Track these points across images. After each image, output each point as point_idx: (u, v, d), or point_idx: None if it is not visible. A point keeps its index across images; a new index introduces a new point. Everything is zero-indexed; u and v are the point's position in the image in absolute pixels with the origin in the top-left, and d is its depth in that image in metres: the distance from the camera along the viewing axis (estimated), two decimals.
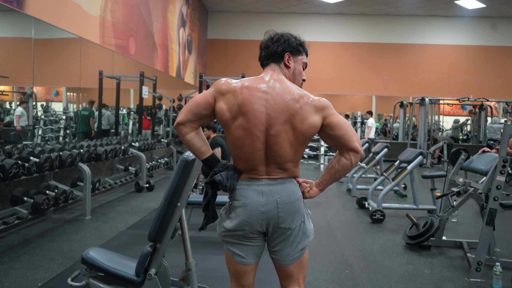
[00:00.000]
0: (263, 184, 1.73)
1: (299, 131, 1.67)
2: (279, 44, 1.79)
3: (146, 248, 2.15)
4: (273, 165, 1.72)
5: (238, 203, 1.73)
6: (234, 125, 1.69)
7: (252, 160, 1.71)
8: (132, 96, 11.97)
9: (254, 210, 1.71)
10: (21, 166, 3.97)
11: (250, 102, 1.67)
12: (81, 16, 5.85)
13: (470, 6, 12.78)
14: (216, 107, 1.71)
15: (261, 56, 1.84)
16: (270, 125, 1.66)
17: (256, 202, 1.71)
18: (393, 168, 6.04)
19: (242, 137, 1.68)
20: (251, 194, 1.72)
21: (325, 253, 4.01)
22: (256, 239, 1.78)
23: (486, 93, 12.77)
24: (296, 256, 1.78)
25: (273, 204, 1.71)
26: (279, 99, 1.68)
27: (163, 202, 2.09)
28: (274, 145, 1.68)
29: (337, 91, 14.76)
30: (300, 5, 13.27)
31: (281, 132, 1.66)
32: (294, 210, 1.74)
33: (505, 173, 3.31)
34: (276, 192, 1.72)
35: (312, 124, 1.68)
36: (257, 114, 1.66)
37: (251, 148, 1.69)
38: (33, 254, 3.70)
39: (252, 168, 1.73)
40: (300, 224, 1.76)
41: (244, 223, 1.72)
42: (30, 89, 7.69)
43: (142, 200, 6.18)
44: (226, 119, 1.69)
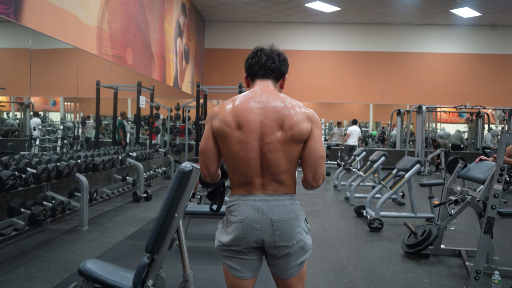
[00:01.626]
0: (259, 200, 1.71)
1: (290, 136, 1.67)
2: (284, 63, 1.82)
3: (143, 259, 2.14)
4: (268, 177, 1.71)
5: (234, 218, 1.73)
6: (232, 139, 1.68)
7: (247, 171, 1.70)
8: (129, 105, 11.97)
9: (249, 226, 1.70)
10: (18, 177, 3.96)
11: (244, 113, 1.68)
12: (78, 27, 5.87)
13: (466, 15, 12.88)
14: (213, 129, 1.72)
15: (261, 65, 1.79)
16: (264, 133, 1.67)
17: (252, 218, 1.70)
18: (391, 176, 6.05)
19: (238, 149, 1.68)
20: (248, 210, 1.71)
21: (323, 263, 3.99)
22: (252, 253, 1.76)
23: (483, 101, 12.83)
24: (295, 271, 1.78)
25: (268, 222, 1.70)
26: (271, 107, 1.69)
27: (160, 213, 2.08)
28: (269, 154, 1.67)
29: (334, 99, 14.81)
30: (296, 14, 13.35)
31: (274, 140, 1.67)
32: (290, 228, 1.71)
33: (502, 181, 3.31)
34: (271, 210, 1.70)
35: (302, 130, 1.68)
36: (251, 123, 1.67)
37: (246, 159, 1.68)
38: (30, 265, 3.68)
39: (248, 181, 1.72)
40: (298, 241, 1.74)
41: (239, 238, 1.71)
42: (27, 100, 7.69)
43: (140, 210, 6.16)
44: (226, 133, 1.69)
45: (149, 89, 9.03)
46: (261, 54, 1.79)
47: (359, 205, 6.16)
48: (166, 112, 10.92)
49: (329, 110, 17.63)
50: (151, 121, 9.52)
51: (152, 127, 9.66)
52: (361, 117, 17.17)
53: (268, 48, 1.81)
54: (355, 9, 12.78)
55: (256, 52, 1.81)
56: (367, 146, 15.49)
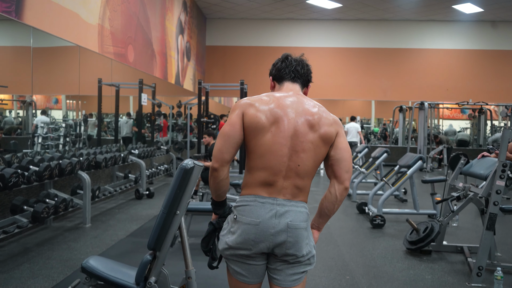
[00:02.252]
0: (277, 204, 1.68)
1: (319, 137, 1.70)
2: (310, 73, 1.90)
3: (145, 256, 2.15)
4: (291, 180, 1.69)
5: (247, 219, 1.67)
6: (267, 130, 1.67)
7: (273, 169, 1.67)
8: (131, 103, 11.99)
9: (264, 231, 1.65)
10: (21, 175, 3.97)
11: (282, 108, 1.70)
12: (80, 25, 5.87)
13: (468, 11, 12.82)
14: (247, 117, 1.68)
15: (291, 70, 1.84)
16: (298, 131, 1.68)
17: (268, 223, 1.66)
18: (393, 173, 6.04)
19: (270, 143, 1.67)
20: (264, 213, 1.66)
21: (325, 259, 4.00)
22: (260, 259, 1.72)
23: (485, 97, 12.79)
24: (297, 279, 1.73)
25: (284, 227, 1.66)
26: (304, 108, 1.73)
27: (162, 210, 2.09)
28: (301, 152, 1.68)
29: (336, 96, 14.78)
30: (298, 11, 13.32)
31: (307, 140, 1.69)
32: (302, 237, 1.69)
33: (504, 177, 3.31)
34: (288, 215, 1.67)
35: (329, 133, 1.72)
36: (288, 120, 1.69)
37: (278, 154, 1.66)
38: (33, 263, 3.69)
39: (271, 181, 1.68)
40: (307, 252, 1.72)
41: (251, 242, 1.66)
42: (29, 98, 7.71)
43: (142, 207, 6.17)
44: (262, 123, 1.67)
45: (151, 87, 9.04)
46: (292, 60, 1.86)
47: (361, 202, 6.17)
48: (168, 109, 10.92)
49: (331, 107, 17.29)
50: (153, 119, 9.53)
51: (154, 125, 9.67)
52: (363, 114, 17.15)
53: (298, 56, 1.91)
54: (356, 6, 12.74)
55: (287, 57, 1.87)
56: (369, 142, 15.47)
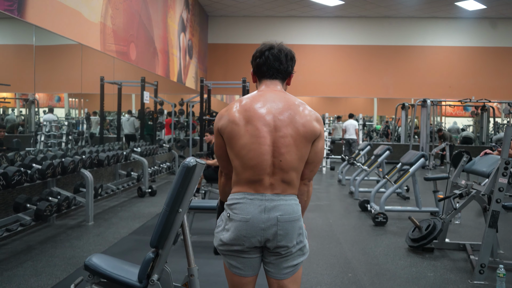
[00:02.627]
0: (266, 199, 1.70)
1: (302, 133, 1.69)
2: (291, 63, 1.83)
3: (148, 254, 2.15)
4: (278, 175, 1.70)
5: (238, 216, 1.70)
6: (241, 133, 1.68)
7: (258, 168, 1.68)
8: (133, 101, 12.00)
9: (255, 226, 1.68)
10: (24, 173, 3.99)
11: (254, 109, 1.70)
12: (82, 23, 5.88)
13: (470, 8, 12.78)
14: (220, 127, 1.74)
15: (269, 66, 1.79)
16: (277, 126, 1.68)
17: (258, 218, 1.68)
18: (395, 170, 6.04)
19: (249, 142, 1.67)
20: (254, 209, 1.69)
21: (328, 257, 4.00)
22: (254, 252, 1.75)
23: (488, 94, 12.76)
24: (290, 271, 1.75)
25: (273, 221, 1.68)
26: (281, 105, 1.72)
27: (164, 208, 2.09)
28: (282, 148, 1.67)
29: (338, 94, 14.76)
30: (300, 8, 13.30)
31: (287, 135, 1.68)
32: (293, 229, 1.71)
33: (507, 175, 3.30)
34: (278, 209, 1.70)
35: (313, 129, 1.71)
36: (263, 117, 1.69)
37: (258, 152, 1.67)
38: (37, 260, 3.71)
39: (257, 179, 1.70)
40: (298, 242, 1.73)
41: (243, 238, 1.69)
42: (32, 96, 7.72)
43: (145, 205, 6.18)
44: (236, 127, 1.69)
45: (153, 85, 9.05)
46: (269, 55, 1.78)
47: (364, 199, 6.16)
48: (170, 107, 10.93)
49: (333, 105, 17.60)
50: (155, 117, 9.54)
51: (156, 122, 9.67)
52: (365, 112, 17.11)
53: (276, 48, 1.79)
54: (358, 3, 12.71)
55: (264, 52, 1.79)
56: (371, 140, 15.45)
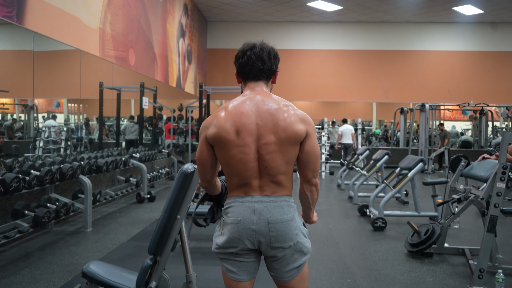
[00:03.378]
0: (256, 201, 1.71)
1: (284, 138, 1.67)
2: (275, 61, 1.80)
3: (146, 261, 2.15)
4: (266, 178, 1.71)
5: (229, 219, 1.73)
6: (230, 143, 1.68)
7: (244, 174, 1.70)
8: (133, 106, 12.01)
9: (245, 227, 1.70)
10: (22, 179, 3.98)
11: (240, 117, 1.69)
12: (81, 29, 5.89)
13: (468, 12, 12.83)
14: (208, 136, 1.72)
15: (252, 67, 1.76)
16: (260, 134, 1.68)
17: (248, 219, 1.70)
18: (394, 175, 6.04)
19: (235, 153, 1.68)
20: (244, 211, 1.71)
21: (327, 262, 3.99)
22: (249, 255, 1.76)
23: (486, 98, 12.79)
24: (294, 273, 1.76)
25: (264, 223, 1.70)
26: (265, 109, 1.70)
27: (162, 215, 2.09)
28: (266, 155, 1.68)
29: (337, 98, 14.79)
30: (299, 13, 13.35)
31: (270, 141, 1.67)
32: (286, 229, 1.71)
33: (505, 179, 3.30)
34: (267, 211, 1.70)
35: (296, 131, 1.68)
36: (247, 126, 1.67)
37: (243, 161, 1.68)
38: (35, 267, 3.70)
39: (245, 183, 1.72)
40: (295, 243, 1.72)
41: (235, 240, 1.72)
42: (31, 101, 7.73)
43: (144, 211, 6.17)
44: (223, 138, 1.68)
45: (152, 90, 9.06)
46: (251, 54, 1.76)
47: (363, 204, 6.16)
48: (169, 112, 10.94)
49: (332, 109, 17.62)
50: (154, 122, 9.54)
51: (155, 128, 9.68)
52: (364, 116, 17.15)
53: (258, 46, 1.76)
54: (357, 8, 12.76)
55: (246, 52, 1.77)
56: (370, 144, 15.46)
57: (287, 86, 13.78)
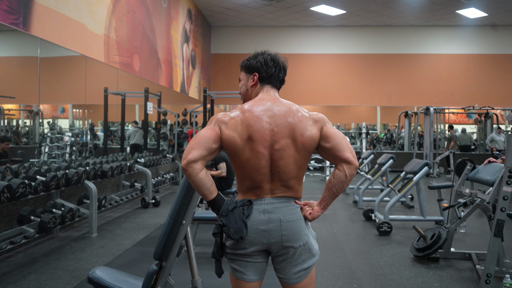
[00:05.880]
0: (265, 203, 1.74)
1: (300, 143, 1.71)
2: (283, 70, 1.87)
3: (152, 267, 2.15)
4: (277, 183, 1.73)
5: None
6: (244, 149, 1.70)
7: (257, 178, 1.72)
8: (137, 111, 12.07)
9: (254, 228, 1.72)
10: (28, 185, 4.00)
11: (255, 122, 1.70)
12: (86, 35, 5.93)
13: (472, 15, 12.81)
14: (223, 136, 1.70)
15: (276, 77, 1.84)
16: (274, 140, 1.70)
17: (257, 220, 1.72)
18: (399, 179, 6.01)
19: (249, 158, 1.70)
20: (253, 212, 1.73)
21: (332, 267, 3.98)
22: (258, 256, 1.77)
23: (491, 101, 12.74)
24: (302, 275, 1.77)
25: (276, 223, 1.72)
26: (280, 114, 1.73)
27: (168, 220, 2.09)
28: (279, 160, 1.70)
29: (341, 102, 14.78)
30: (302, 18, 13.37)
31: (285, 147, 1.70)
32: (298, 229, 1.73)
33: (511, 183, 3.28)
34: (279, 211, 1.73)
35: (312, 136, 1.72)
36: (262, 131, 1.69)
37: (257, 167, 1.71)
38: (40, 273, 3.70)
39: (257, 186, 1.74)
40: (304, 243, 1.74)
41: (245, 241, 1.73)
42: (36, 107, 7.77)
43: (149, 216, 6.18)
44: (238, 144, 1.69)
45: (157, 95, 9.09)
46: (277, 62, 1.85)
47: (368, 208, 6.14)
48: (174, 117, 10.96)
49: (336, 113, 17.60)
50: (159, 127, 9.57)
51: (159, 132, 9.70)
52: (368, 120, 17.11)
53: (280, 58, 1.87)
54: (360, 12, 12.77)
55: (274, 59, 1.85)
56: (374, 149, 15.42)
57: (291, 91, 13.77)
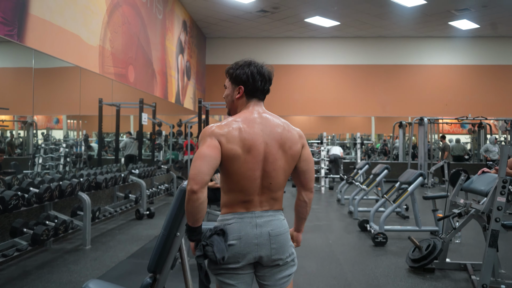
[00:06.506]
0: (256, 216, 1.77)
1: (289, 155, 1.79)
2: (269, 82, 1.86)
3: (145, 279, 2.13)
4: (267, 195, 1.78)
5: (230, 236, 1.73)
6: (242, 161, 1.71)
7: (249, 190, 1.74)
8: (132, 122, 12.03)
9: (248, 242, 1.74)
10: (21, 197, 3.97)
11: (251, 135, 1.73)
12: (81, 47, 5.94)
13: (464, 27, 12.96)
14: (224, 150, 1.69)
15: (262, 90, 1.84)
16: (267, 152, 1.74)
17: (250, 234, 1.74)
18: (394, 189, 6.02)
19: (245, 170, 1.72)
20: (245, 227, 1.74)
21: (327, 278, 3.96)
22: (248, 268, 1.79)
23: (484, 112, 12.85)
24: (286, 281, 1.83)
25: (266, 237, 1.75)
26: (271, 127, 1.78)
27: (162, 232, 2.08)
28: (272, 172, 1.75)
29: (336, 113, 14.83)
30: (296, 29, 13.46)
31: (277, 159, 1.76)
32: (285, 241, 1.80)
33: (505, 193, 3.30)
34: (268, 225, 1.77)
35: (297, 151, 1.82)
36: (258, 144, 1.73)
37: (251, 179, 1.73)
38: (33, 286, 3.66)
39: (247, 199, 1.75)
40: (290, 253, 1.83)
41: (238, 255, 1.73)
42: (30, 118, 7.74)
43: (143, 227, 6.14)
44: (237, 157, 1.70)
45: (151, 106, 9.09)
46: (259, 79, 1.82)
47: (363, 219, 6.13)
48: (168, 128, 10.95)
49: (331, 123, 17.65)
50: (153, 138, 9.55)
51: (154, 143, 9.68)
52: (363, 130, 17.16)
53: (266, 71, 1.84)
54: (354, 23, 12.88)
55: (256, 75, 1.81)
56: (369, 159, 15.46)
57: (286, 101, 13.83)
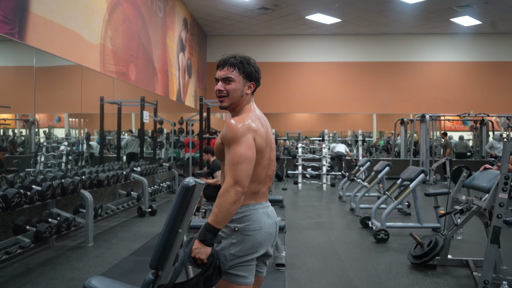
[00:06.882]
0: (265, 207, 1.87)
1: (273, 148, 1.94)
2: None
3: (148, 276, 2.13)
4: (267, 185, 1.91)
5: (251, 227, 1.79)
6: (264, 154, 1.83)
7: (259, 180, 1.85)
8: (133, 120, 12.04)
9: (266, 232, 1.82)
10: (23, 195, 3.98)
11: (266, 129, 1.87)
12: (82, 45, 5.94)
13: (466, 24, 12.93)
14: (256, 145, 1.78)
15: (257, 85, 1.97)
16: (271, 143, 1.90)
17: (266, 224, 1.83)
18: (396, 186, 6.02)
19: (261, 161, 1.83)
20: (261, 217, 1.82)
21: (329, 275, 3.96)
22: (256, 258, 1.86)
23: (486, 108, 12.81)
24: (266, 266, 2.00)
25: (275, 226, 1.88)
26: (266, 121, 1.95)
27: (164, 229, 2.08)
28: (272, 162, 1.91)
29: (337, 110, 14.82)
30: (297, 27, 13.44)
31: (273, 150, 1.92)
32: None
33: (507, 190, 3.29)
34: (273, 214, 1.91)
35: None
36: (270, 137, 1.88)
37: (263, 169, 1.84)
38: (36, 283, 3.67)
39: (256, 191, 1.84)
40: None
41: (258, 245, 1.79)
42: (32, 117, 7.75)
43: (145, 225, 6.15)
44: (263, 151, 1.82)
45: (153, 104, 9.09)
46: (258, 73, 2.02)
47: (365, 216, 6.14)
48: (170, 126, 10.95)
49: (332, 121, 17.64)
50: (155, 136, 9.56)
51: (155, 141, 9.68)
52: (365, 127, 17.14)
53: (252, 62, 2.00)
54: (355, 20, 12.85)
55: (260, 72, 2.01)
56: (371, 156, 15.45)
57: (287, 99, 13.83)
